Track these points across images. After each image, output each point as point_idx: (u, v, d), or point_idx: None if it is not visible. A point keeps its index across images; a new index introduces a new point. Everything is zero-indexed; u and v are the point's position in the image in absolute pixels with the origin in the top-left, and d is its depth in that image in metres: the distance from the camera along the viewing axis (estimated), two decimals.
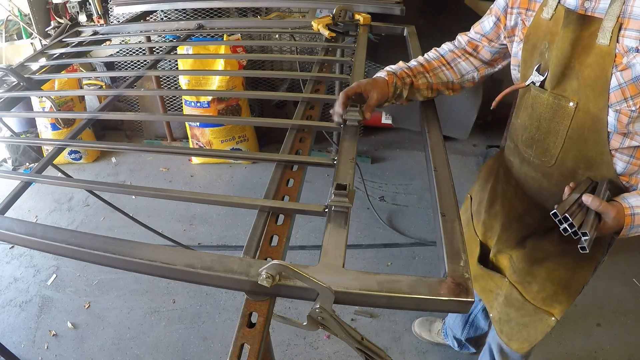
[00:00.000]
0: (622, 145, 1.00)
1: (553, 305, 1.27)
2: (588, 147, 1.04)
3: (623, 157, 1.03)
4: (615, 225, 0.97)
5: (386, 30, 1.71)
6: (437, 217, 0.78)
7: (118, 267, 0.72)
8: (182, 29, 2.04)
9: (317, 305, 0.62)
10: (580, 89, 0.99)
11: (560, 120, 1.05)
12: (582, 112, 1.00)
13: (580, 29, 0.97)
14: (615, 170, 1.05)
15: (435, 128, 1.05)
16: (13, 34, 3.17)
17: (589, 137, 1.02)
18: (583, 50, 0.96)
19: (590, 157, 1.05)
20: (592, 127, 1.00)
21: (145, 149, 1.68)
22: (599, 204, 0.96)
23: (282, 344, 2.03)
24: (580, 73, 0.98)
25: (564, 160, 1.10)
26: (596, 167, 1.06)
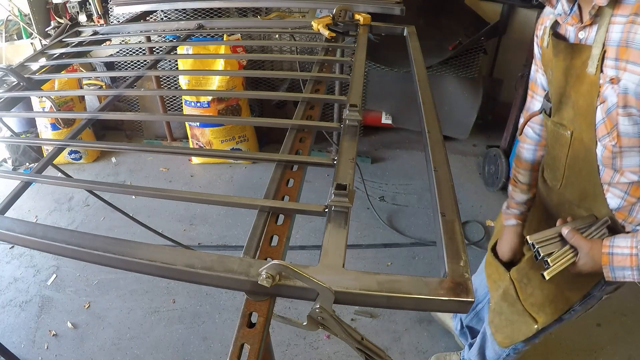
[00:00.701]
0: (613, 180, 0.96)
1: (539, 314, 1.28)
2: (582, 178, 1.03)
3: (616, 192, 0.98)
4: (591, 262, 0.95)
5: (386, 30, 1.71)
6: (437, 217, 0.78)
7: (118, 267, 0.72)
8: (182, 29, 2.04)
9: (317, 305, 0.62)
10: (575, 118, 0.97)
11: (561, 148, 1.05)
12: (577, 142, 0.99)
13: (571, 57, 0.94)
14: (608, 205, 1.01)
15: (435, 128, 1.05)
16: (13, 34, 3.17)
17: (583, 167, 1.00)
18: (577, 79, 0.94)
19: (585, 188, 1.04)
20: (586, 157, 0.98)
21: (145, 149, 1.68)
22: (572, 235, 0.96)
23: (282, 344, 2.03)
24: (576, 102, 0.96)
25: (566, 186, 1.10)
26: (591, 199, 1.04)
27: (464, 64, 2.88)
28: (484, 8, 3.02)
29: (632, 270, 0.92)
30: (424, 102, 1.17)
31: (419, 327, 2.11)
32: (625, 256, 0.92)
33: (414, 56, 1.46)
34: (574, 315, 1.27)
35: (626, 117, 0.84)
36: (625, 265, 0.93)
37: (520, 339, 1.35)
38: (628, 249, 0.92)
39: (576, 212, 1.10)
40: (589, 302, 1.21)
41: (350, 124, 1.03)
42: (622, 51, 0.82)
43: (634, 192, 0.95)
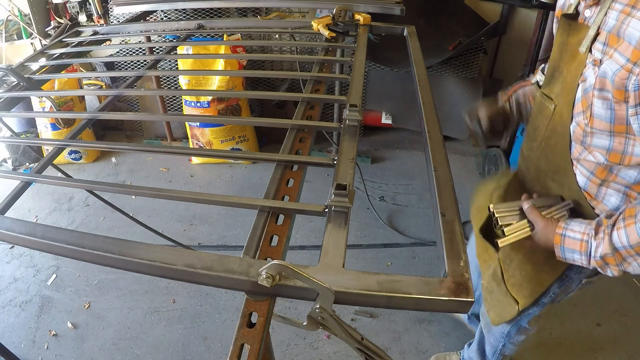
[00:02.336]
0: (582, 156, 0.99)
1: (519, 296, 1.29)
2: (556, 152, 1.06)
3: (583, 171, 1.00)
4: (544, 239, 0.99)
5: (386, 30, 1.71)
6: (437, 217, 0.78)
7: (118, 267, 0.72)
8: (182, 29, 2.04)
9: (317, 305, 0.62)
10: (561, 94, 1.00)
11: (543, 119, 1.09)
12: (558, 116, 1.02)
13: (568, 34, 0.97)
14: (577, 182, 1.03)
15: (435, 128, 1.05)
16: (13, 34, 3.17)
17: (558, 141, 1.04)
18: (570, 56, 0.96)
19: (558, 162, 1.06)
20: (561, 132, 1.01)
21: (145, 149, 1.68)
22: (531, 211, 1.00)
23: (282, 344, 2.03)
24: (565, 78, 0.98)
25: (540, 158, 1.14)
26: (562, 173, 1.06)
27: (464, 64, 2.88)
28: (484, 8, 3.02)
29: (582, 255, 0.94)
30: (424, 102, 1.16)
31: (419, 327, 2.11)
32: (576, 240, 0.94)
33: (414, 56, 1.46)
34: (555, 299, 1.27)
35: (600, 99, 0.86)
36: (575, 249, 0.94)
37: (507, 318, 1.36)
38: (580, 234, 0.94)
39: (550, 185, 1.12)
40: (567, 285, 1.21)
41: (350, 124, 1.03)
42: (612, 38, 0.84)
43: (599, 173, 0.97)
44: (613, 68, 0.82)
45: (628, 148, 0.89)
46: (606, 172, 0.96)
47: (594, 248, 0.91)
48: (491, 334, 1.62)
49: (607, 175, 0.96)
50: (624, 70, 0.80)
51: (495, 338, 1.61)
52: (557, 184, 1.09)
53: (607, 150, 0.92)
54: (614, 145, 0.91)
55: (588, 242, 0.92)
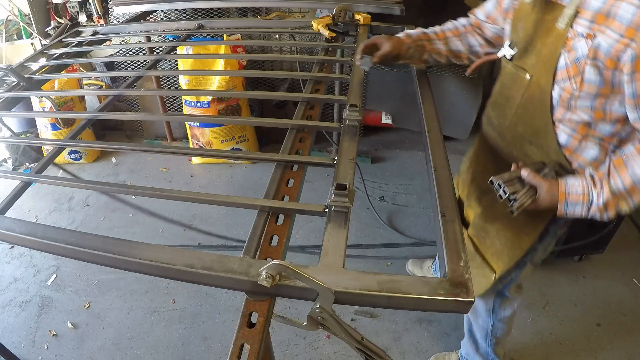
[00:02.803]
0: (564, 117, 1.11)
1: (497, 263, 1.37)
2: (535, 116, 1.17)
3: (565, 130, 1.13)
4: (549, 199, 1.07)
5: (386, 30, 1.71)
6: (437, 217, 0.78)
7: (118, 267, 0.72)
8: (182, 29, 2.04)
9: (317, 305, 0.62)
10: (536, 65, 1.12)
11: (517, 89, 1.19)
12: (535, 85, 1.13)
13: (544, 12, 1.10)
14: (557, 142, 1.15)
15: (435, 128, 1.05)
16: (13, 34, 3.17)
17: (537, 107, 1.15)
18: (545, 32, 1.09)
19: (537, 125, 1.17)
20: (540, 98, 1.13)
21: (145, 149, 1.68)
22: (533, 176, 1.08)
23: (282, 344, 2.03)
24: (540, 51, 1.11)
25: (516, 124, 1.24)
26: (542, 136, 1.17)
27: (464, 64, 2.87)
28: None
29: (583, 206, 1.05)
30: (424, 102, 1.17)
31: (419, 327, 2.11)
32: (578, 194, 1.05)
33: None
34: (535, 255, 1.35)
35: (592, 67, 0.99)
36: (578, 202, 1.05)
37: (480, 292, 1.43)
38: (580, 187, 1.05)
39: (528, 148, 1.22)
40: (546, 240, 1.32)
41: (350, 124, 1.03)
42: (600, 17, 0.97)
43: (580, 130, 1.11)
44: (608, 42, 0.95)
45: (607, 107, 1.05)
46: (587, 128, 1.10)
47: (595, 198, 1.03)
48: (478, 316, 1.66)
49: (587, 131, 1.10)
50: (620, 44, 0.94)
51: (483, 319, 1.64)
52: (536, 146, 1.20)
53: (592, 110, 1.06)
54: (596, 105, 1.05)
55: (589, 193, 1.04)
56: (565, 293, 2.27)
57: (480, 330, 1.69)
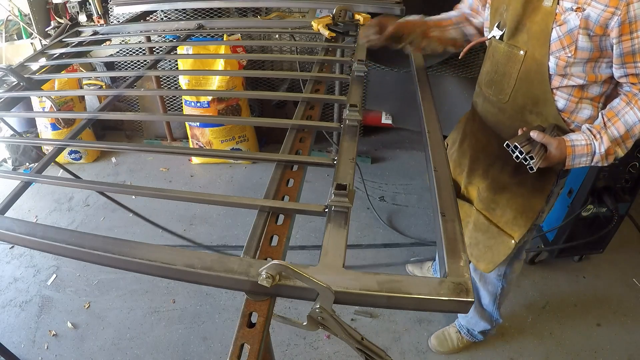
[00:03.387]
0: (561, 84, 1.24)
1: (513, 229, 1.47)
2: (534, 87, 1.28)
3: (563, 95, 1.26)
4: (559, 154, 1.20)
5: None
6: (437, 217, 0.78)
7: (118, 267, 0.72)
8: (182, 29, 2.04)
9: (317, 305, 0.62)
10: (529, 41, 1.24)
11: (513, 65, 1.30)
12: (530, 59, 1.25)
13: None
14: (557, 107, 1.28)
15: (435, 128, 1.05)
16: (13, 34, 3.17)
17: (535, 78, 1.27)
18: (533, 11, 1.22)
19: (536, 95, 1.29)
20: (537, 70, 1.25)
21: (145, 149, 1.68)
22: (543, 136, 1.20)
23: (282, 344, 2.03)
24: (530, 28, 1.23)
25: (516, 97, 1.34)
26: (542, 104, 1.29)
27: (464, 64, 2.88)
28: None
29: (587, 156, 1.19)
30: (424, 102, 1.17)
31: (419, 327, 2.11)
32: (582, 146, 1.19)
33: (414, 56, 1.46)
34: (544, 215, 1.48)
35: (584, 35, 1.14)
36: (583, 153, 1.19)
37: (502, 259, 1.52)
38: (584, 140, 1.19)
39: (528, 117, 1.34)
40: (550, 200, 1.44)
41: (350, 124, 1.03)
42: None
43: (576, 93, 1.25)
44: (596, 12, 1.10)
45: (596, 69, 1.20)
46: (581, 91, 1.24)
47: (597, 147, 1.17)
48: (488, 283, 1.74)
49: (581, 94, 1.25)
50: (607, 12, 1.08)
51: (493, 285, 1.73)
52: (536, 114, 1.32)
53: (584, 73, 1.20)
54: (587, 69, 1.20)
55: (591, 144, 1.18)
56: (565, 293, 2.27)
57: (489, 295, 1.77)
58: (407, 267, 2.39)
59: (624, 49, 1.11)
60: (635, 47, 1.10)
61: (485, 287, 1.76)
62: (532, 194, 1.41)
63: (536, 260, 2.40)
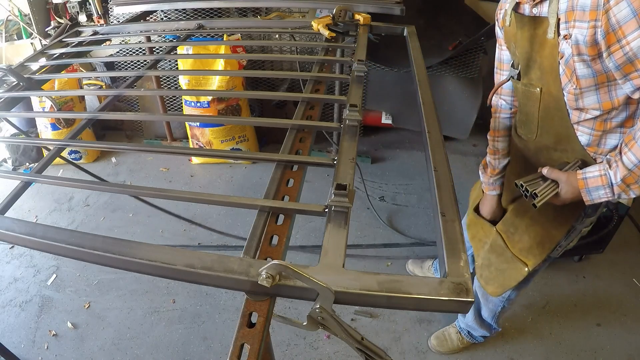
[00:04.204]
0: (580, 118, 1.16)
1: (528, 257, 1.43)
2: (555, 123, 1.23)
3: (585, 130, 1.18)
4: (571, 189, 1.13)
5: (386, 30, 1.71)
6: (437, 217, 0.78)
7: (118, 267, 0.72)
8: (182, 29, 2.04)
9: (317, 305, 0.62)
10: (543, 77, 1.18)
11: (533, 104, 1.25)
12: (547, 95, 1.19)
13: (534, 27, 1.15)
14: (580, 142, 1.20)
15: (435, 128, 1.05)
16: (13, 34, 3.17)
17: (555, 115, 1.21)
18: (540, 45, 1.15)
19: (559, 132, 1.23)
20: (556, 106, 1.19)
21: (145, 149, 1.68)
22: (552, 171, 1.16)
23: (282, 344, 2.03)
24: (541, 64, 1.17)
25: (542, 135, 1.30)
26: (565, 141, 1.23)
27: (464, 64, 2.88)
28: (484, 8, 3.02)
29: (605, 188, 1.09)
30: (424, 102, 1.17)
31: (419, 327, 2.11)
32: (596, 177, 1.09)
33: (414, 56, 1.46)
34: (559, 251, 1.42)
35: (580, 62, 1.06)
36: (598, 185, 1.10)
37: (512, 284, 1.49)
38: (598, 171, 1.10)
39: (553, 155, 1.28)
40: (570, 236, 1.38)
41: (350, 124, 1.03)
42: (569, 15, 1.04)
43: (598, 127, 1.16)
44: (582, 32, 1.01)
45: (612, 93, 1.09)
46: (603, 123, 1.14)
47: (612, 177, 1.07)
48: (489, 301, 1.73)
49: (604, 126, 1.15)
50: (590, 29, 0.99)
51: (494, 304, 1.72)
52: (560, 152, 1.26)
53: (599, 103, 1.11)
54: (601, 96, 1.10)
55: (606, 174, 1.08)
56: (565, 293, 2.27)
57: (489, 311, 1.77)
58: (407, 265, 2.38)
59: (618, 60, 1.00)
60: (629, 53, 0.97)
61: (487, 304, 1.75)
62: (553, 224, 1.36)
63: None
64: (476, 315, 1.83)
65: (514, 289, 1.58)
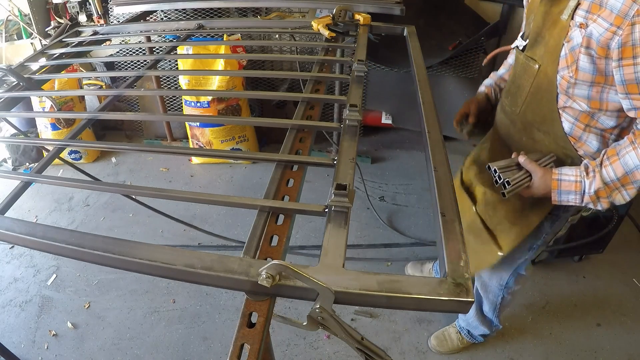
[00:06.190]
0: (566, 104, 1.17)
1: (505, 241, 1.44)
2: (542, 104, 1.23)
3: (568, 118, 1.19)
4: (543, 185, 1.13)
5: (386, 30, 1.71)
6: (437, 217, 0.78)
7: (118, 267, 0.72)
8: (182, 29, 2.04)
9: (317, 305, 0.62)
10: (544, 55, 1.18)
11: (527, 78, 1.26)
12: (542, 74, 1.20)
13: (551, 4, 1.15)
14: (563, 129, 1.21)
15: (435, 128, 1.05)
16: (13, 34, 3.17)
17: (544, 96, 1.22)
18: (552, 24, 1.15)
19: (544, 113, 1.24)
20: (547, 87, 1.19)
21: (145, 149, 1.68)
22: (529, 162, 1.15)
23: (282, 344, 2.03)
24: (548, 41, 1.17)
25: (526, 112, 1.30)
26: (549, 123, 1.24)
27: (464, 64, 2.88)
28: (484, 8, 3.02)
29: (576, 194, 1.10)
30: (424, 102, 1.16)
31: (419, 327, 2.11)
32: (571, 182, 1.09)
33: (414, 56, 1.46)
34: (546, 238, 1.43)
35: (586, 55, 1.05)
36: (571, 190, 1.10)
37: (484, 267, 1.52)
38: (574, 176, 1.10)
39: (536, 135, 1.29)
40: (556, 225, 1.39)
41: (350, 124, 1.03)
42: (594, 7, 1.02)
43: (582, 119, 1.16)
44: (599, 30, 1.00)
45: (603, 95, 1.09)
46: (589, 117, 1.15)
47: (587, 186, 1.07)
48: (489, 292, 1.73)
49: (589, 121, 1.16)
50: (609, 32, 0.98)
51: (494, 294, 1.72)
52: (544, 133, 1.26)
53: (588, 99, 1.11)
54: (592, 94, 1.10)
55: (581, 182, 1.08)
56: (565, 293, 2.28)
57: (490, 304, 1.77)
58: (407, 269, 2.37)
59: (626, 75, 0.99)
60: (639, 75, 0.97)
61: (486, 295, 1.76)
62: (532, 209, 1.36)
63: (536, 260, 2.40)
64: (477, 311, 1.83)
65: (511, 275, 1.62)
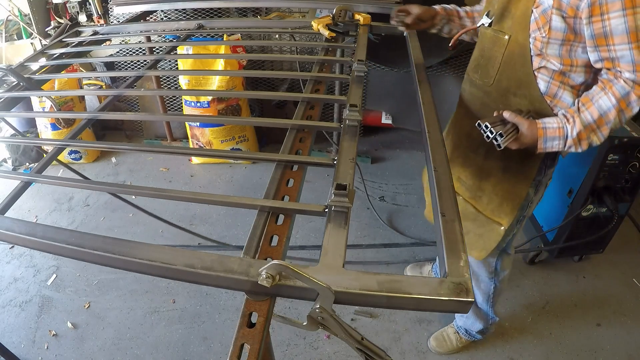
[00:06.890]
0: (541, 65, 1.27)
1: (501, 216, 1.50)
2: (517, 69, 1.32)
3: (544, 78, 1.29)
4: (530, 135, 1.22)
5: (386, 30, 1.71)
6: (437, 217, 0.78)
7: (118, 267, 0.72)
8: (182, 29, 2.04)
9: (317, 305, 0.62)
10: (513, 26, 1.29)
11: (498, 49, 1.36)
12: (513, 42, 1.31)
13: None
14: (539, 89, 1.30)
15: (435, 128, 1.05)
16: (13, 34, 3.17)
17: (517, 61, 1.31)
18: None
19: (519, 77, 1.33)
20: (520, 52, 1.29)
21: (145, 149, 1.68)
22: (515, 116, 1.23)
23: (282, 344, 2.03)
24: (514, 14, 1.29)
25: (500, 80, 1.38)
26: (525, 86, 1.32)
27: (464, 64, 2.88)
28: None
29: (560, 139, 1.20)
30: (424, 102, 1.17)
31: (419, 327, 2.11)
32: (554, 129, 1.20)
33: (414, 56, 1.46)
34: (532, 206, 1.50)
35: (558, 16, 1.17)
36: (555, 136, 1.20)
37: (493, 245, 1.54)
38: (556, 123, 1.20)
39: (512, 100, 1.36)
40: (539, 190, 1.47)
41: (350, 124, 1.03)
42: None
43: (556, 77, 1.27)
44: None
45: (572, 53, 1.22)
46: (561, 76, 1.27)
47: (569, 130, 1.19)
48: (480, 282, 1.75)
49: (562, 79, 1.27)
50: None
51: (485, 284, 1.75)
52: (520, 97, 1.35)
53: (560, 57, 1.23)
54: (563, 52, 1.22)
55: (563, 127, 1.19)
56: (565, 293, 2.28)
57: (482, 294, 1.79)
58: (406, 272, 2.35)
59: (595, 30, 1.12)
60: (607, 29, 1.10)
61: (478, 285, 1.77)
62: (517, 179, 1.44)
63: (536, 260, 2.40)
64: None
65: (497, 258, 1.66)
